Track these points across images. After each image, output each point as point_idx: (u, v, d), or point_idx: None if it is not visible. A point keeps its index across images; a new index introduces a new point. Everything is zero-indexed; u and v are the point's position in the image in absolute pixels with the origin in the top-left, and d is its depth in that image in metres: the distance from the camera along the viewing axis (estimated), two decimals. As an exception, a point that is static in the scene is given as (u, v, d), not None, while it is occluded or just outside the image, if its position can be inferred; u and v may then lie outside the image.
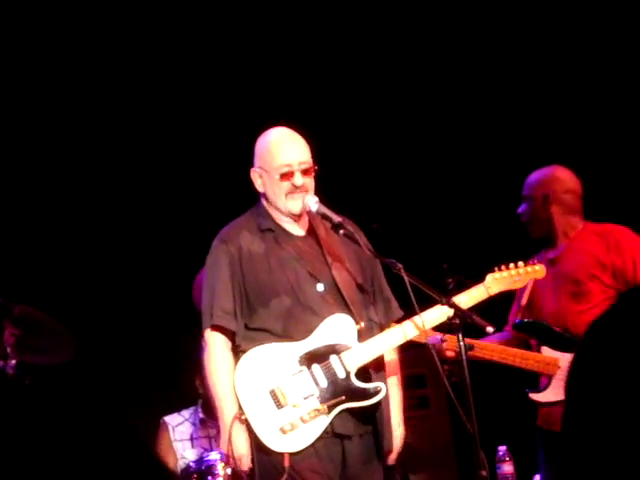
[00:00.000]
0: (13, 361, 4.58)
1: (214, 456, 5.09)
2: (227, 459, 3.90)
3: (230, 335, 3.90)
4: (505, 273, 4.09)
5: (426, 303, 3.93)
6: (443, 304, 3.88)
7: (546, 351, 4.57)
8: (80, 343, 4.78)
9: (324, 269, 4.00)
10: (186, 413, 5.25)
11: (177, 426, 5.23)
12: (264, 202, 4.07)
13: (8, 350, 4.58)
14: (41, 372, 5.26)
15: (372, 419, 3.93)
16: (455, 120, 6.55)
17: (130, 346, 6.14)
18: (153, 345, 6.17)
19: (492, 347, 4.53)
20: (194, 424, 5.20)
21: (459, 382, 4.05)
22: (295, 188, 3.97)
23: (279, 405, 3.78)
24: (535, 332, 4.63)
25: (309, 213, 4.03)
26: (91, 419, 1.37)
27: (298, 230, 4.06)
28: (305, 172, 3.99)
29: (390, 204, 6.38)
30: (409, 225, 6.04)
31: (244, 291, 3.92)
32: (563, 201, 4.81)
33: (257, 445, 3.79)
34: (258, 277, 3.94)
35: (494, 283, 4.06)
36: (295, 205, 3.99)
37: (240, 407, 3.79)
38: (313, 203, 4.00)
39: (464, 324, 3.86)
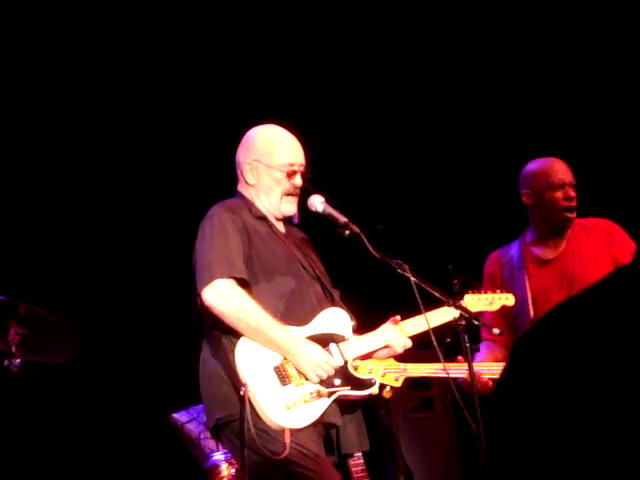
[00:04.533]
0: (18, 360, 4.57)
1: (218, 456, 5.10)
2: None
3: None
4: (482, 295, 4.16)
5: (432, 304, 3.93)
6: (449, 305, 3.88)
7: None
8: (85, 342, 4.78)
9: (310, 267, 4.05)
10: (194, 412, 5.23)
11: (185, 423, 5.21)
12: (247, 195, 4.06)
13: (13, 349, 4.57)
14: (46, 371, 5.26)
15: (351, 416, 3.93)
16: (463, 119, 6.56)
17: (136, 345, 6.14)
18: (159, 342, 6.17)
19: None
20: (202, 423, 5.17)
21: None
22: (294, 189, 4.01)
23: (283, 382, 3.74)
24: None
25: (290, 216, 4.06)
26: (96, 417, 1.36)
27: (281, 228, 4.09)
28: (302, 175, 4.03)
29: (395, 204, 6.38)
30: (414, 226, 6.04)
31: (250, 260, 3.86)
32: None
33: (256, 423, 3.67)
34: (263, 253, 3.92)
35: (472, 303, 4.11)
36: (288, 208, 4.03)
37: (243, 381, 3.70)
38: (319, 203, 4.01)
39: (470, 326, 3.87)
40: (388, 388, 3.97)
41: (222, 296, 3.73)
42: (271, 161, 4.01)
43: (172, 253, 6.07)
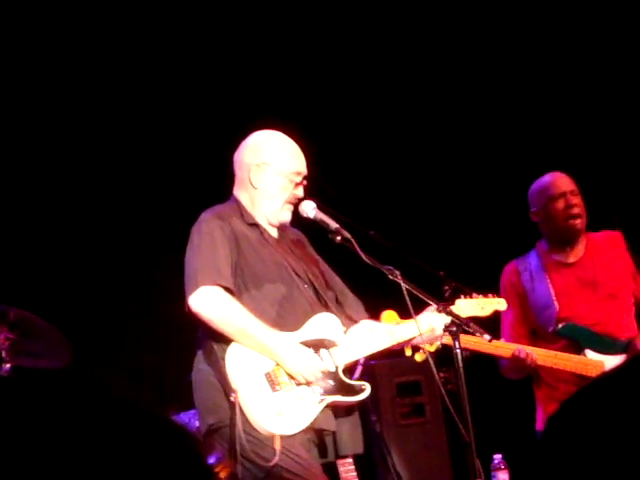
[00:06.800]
0: (8, 365, 4.56)
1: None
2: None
3: None
4: (474, 300, 4.19)
5: (423, 310, 3.93)
6: (440, 311, 3.89)
7: (590, 354, 4.62)
8: (77, 347, 4.76)
9: (302, 272, 4.03)
10: (185, 417, 5.20)
11: None
12: (244, 198, 4.05)
13: (3, 354, 4.57)
14: (37, 376, 5.24)
15: (346, 419, 3.92)
16: (450, 124, 6.57)
17: (126, 351, 6.13)
18: (149, 347, 6.15)
19: (545, 352, 4.56)
20: (193, 429, 5.12)
21: (455, 389, 4.05)
22: (295, 198, 4.02)
23: (274, 388, 3.74)
24: (578, 336, 4.67)
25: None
26: (87, 422, 1.35)
27: (274, 233, 4.08)
28: (304, 187, 4.06)
29: (387, 210, 6.38)
30: (406, 232, 6.03)
31: (239, 268, 3.86)
32: None
33: (246, 429, 3.68)
34: (253, 261, 3.91)
35: (463, 307, 4.12)
36: (286, 215, 4.04)
37: (233, 387, 3.70)
38: (311, 209, 4.02)
39: (461, 331, 3.87)
40: (421, 351, 3.97)
41: (208, 303, 3.74)
42: (281, 167, 4.01)
43: (163, 257, 6.07)
